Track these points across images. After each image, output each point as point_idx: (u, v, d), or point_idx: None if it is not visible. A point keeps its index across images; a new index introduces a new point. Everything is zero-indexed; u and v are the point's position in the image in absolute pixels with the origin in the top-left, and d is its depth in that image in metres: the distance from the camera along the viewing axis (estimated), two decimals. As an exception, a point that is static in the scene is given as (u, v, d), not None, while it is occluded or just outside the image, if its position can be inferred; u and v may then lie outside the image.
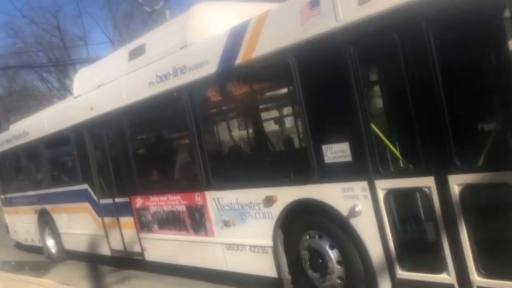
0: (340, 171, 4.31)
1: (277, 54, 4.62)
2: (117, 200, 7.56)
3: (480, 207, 3.69)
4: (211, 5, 6.01)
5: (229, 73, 5.26)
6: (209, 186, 5.79)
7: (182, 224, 6.43)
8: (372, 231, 4.17)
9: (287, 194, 4.84)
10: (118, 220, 7.62)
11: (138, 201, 7.17)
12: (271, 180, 5.14)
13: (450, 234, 3.64)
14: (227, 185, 5.65)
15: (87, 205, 8.30)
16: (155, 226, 6.98)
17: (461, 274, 3.62)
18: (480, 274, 3.53)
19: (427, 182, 3.70)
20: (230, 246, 5.71)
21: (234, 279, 5.92)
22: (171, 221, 6.64)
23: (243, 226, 5.47)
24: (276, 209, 5.00)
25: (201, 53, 5.56)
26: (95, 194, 8.04)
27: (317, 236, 4.67)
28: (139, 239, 7.25)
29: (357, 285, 4.45)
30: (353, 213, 4.24)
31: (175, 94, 5.88)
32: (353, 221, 4.29)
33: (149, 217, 7.04)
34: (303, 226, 4.85)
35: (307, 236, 4.76)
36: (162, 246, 6.86)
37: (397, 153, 4.15)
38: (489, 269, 3.49)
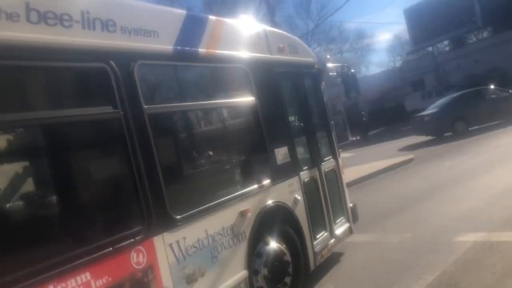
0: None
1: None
2: None
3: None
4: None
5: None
6: (164, 225, 3.33)
7: None
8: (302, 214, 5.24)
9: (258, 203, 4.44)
10: None
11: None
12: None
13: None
14: (194, 215, 3.68)
15: None
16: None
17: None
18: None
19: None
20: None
21: None
22: None
23: (214, 269, 3.75)
24: (248, 225, 4.27)
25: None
26: None
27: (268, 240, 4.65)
28: None
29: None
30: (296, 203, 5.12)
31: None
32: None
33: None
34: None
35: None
36: None
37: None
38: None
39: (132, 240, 3.13)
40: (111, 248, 2.97)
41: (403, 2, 57.16)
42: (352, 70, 7.11)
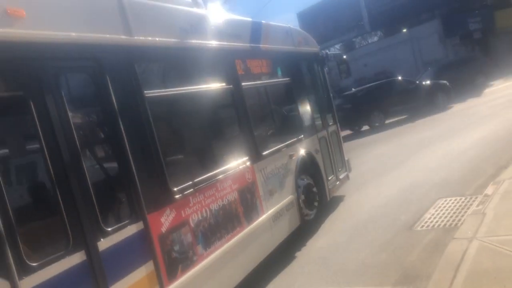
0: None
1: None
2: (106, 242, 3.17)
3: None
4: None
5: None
6: (257, 159, 5.42)
7: (235, 219, 4.74)
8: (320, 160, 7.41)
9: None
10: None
11: (167, 218, 3.74)
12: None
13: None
14: (269, 154, 5.77)
15: None
16: (199, 248, 4.08)
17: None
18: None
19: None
20: (275, 216, 5.61)
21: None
22: (222, 224, 4.49)
23: (278, 190, 5.85)
24: (294, 164, 6.41)
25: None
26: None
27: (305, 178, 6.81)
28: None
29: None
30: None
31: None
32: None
33: (189, 239, 3.97)
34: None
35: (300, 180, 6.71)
36: (212, 275, 4.22)
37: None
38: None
39: (245, 165, 5.18)
40: (239, 167, 5.03)
41: (298, 6, 57.10)
42: (344, 57, 9.29)
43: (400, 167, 9.50)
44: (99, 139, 3.63)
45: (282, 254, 5.80)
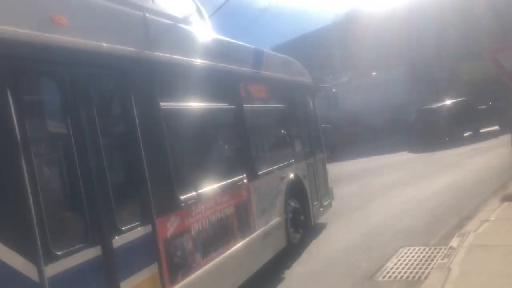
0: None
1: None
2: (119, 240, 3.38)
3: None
4: None
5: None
6: (252, 178, 5.69)
7: (231, 232, 4.96)
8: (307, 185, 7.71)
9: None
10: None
11: (172, 224, 3.94)
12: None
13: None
14: (263, 174, 6.05)
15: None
16: (198, 257, 4.27)
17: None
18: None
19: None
20: (265, 235, 5.84)
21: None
22: (219, 236, 4.71)
23: (269, 209, 6.10)
24: (284, 186, 6.70)
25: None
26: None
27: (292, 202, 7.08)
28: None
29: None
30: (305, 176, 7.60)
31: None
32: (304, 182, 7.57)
33: (189, 246, 4.16)
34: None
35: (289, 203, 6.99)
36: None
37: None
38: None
39: (242, 182, 5.45)
40: (237, 183, 5.30)
41: (273, 40, 58.78)
42: (334, 90, 9.78)
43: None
44: (119, 144, 3.85)
45: (270, 273, 6.00)
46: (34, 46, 2.98)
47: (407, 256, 6.04)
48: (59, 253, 2.90)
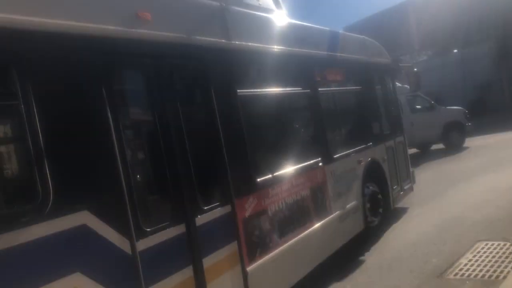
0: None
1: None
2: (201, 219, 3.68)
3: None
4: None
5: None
6: (328, 161, 5.74)
7: (306, 214, 5.10)
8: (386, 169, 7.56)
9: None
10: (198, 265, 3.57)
11: (250, 205, 4.17)
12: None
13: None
14: (339, 157, 6.08)
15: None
16: (275, 237, 4.48)
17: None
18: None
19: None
20: (341, 218, 5.88)
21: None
22: (295, 218, 4.87)
23: (345, 192, 6.11)
24: (361, 169, 6.65)
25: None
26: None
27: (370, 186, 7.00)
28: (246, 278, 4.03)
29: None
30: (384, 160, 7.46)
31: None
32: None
33: (266, 226, 4.38)
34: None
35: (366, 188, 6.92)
36: (280, 266, 4.58)
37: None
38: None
39: (318, 165, 5.51)
40: (312, 167, 5.39)
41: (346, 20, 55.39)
42: (415, 69, 9.37)
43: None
44: (201, 131, 4.09)
45: (346, 257, 6.05)
46: (126, 41, 3.27)
47: (484, 252, 5.44)
48: (148, 229, 3.20)
